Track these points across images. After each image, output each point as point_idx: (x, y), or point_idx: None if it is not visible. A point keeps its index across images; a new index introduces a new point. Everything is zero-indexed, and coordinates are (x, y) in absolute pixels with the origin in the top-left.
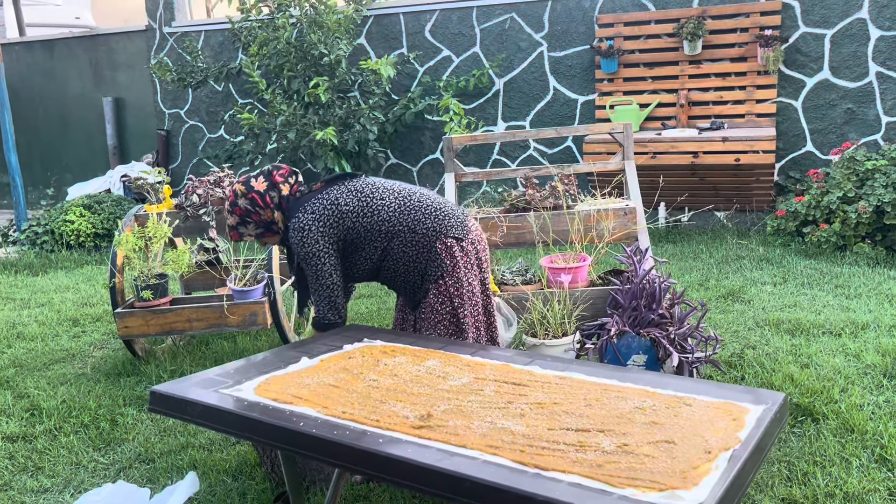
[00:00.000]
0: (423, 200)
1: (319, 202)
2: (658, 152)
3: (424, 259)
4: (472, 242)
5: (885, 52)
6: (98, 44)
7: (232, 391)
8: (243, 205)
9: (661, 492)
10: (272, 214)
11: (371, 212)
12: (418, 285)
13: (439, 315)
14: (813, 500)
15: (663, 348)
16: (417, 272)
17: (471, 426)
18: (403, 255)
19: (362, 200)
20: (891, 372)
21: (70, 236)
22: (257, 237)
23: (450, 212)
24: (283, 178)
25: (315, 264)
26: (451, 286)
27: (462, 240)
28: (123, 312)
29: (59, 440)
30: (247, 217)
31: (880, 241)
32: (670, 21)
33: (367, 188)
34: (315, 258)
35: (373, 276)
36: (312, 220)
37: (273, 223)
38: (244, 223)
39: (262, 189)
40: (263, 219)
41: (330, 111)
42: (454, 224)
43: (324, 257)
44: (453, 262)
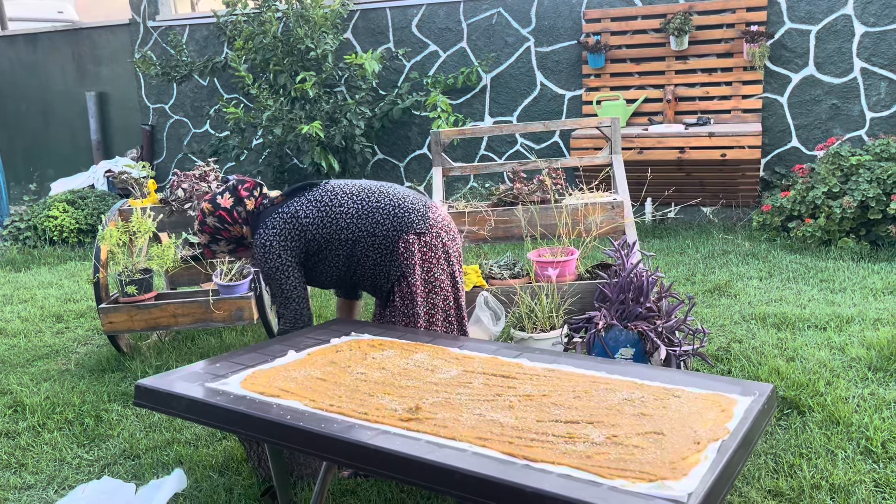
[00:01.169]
0: (381, 200)
1: (280, 216)
2: (645, 147)
3: (388, 261)
4: (437, 235)
5: (869, 48)
6: (81, 38)
7: (218, 385)
8: (212, 223)
9: (650, 482)
10: (241, 229)
11: (331, 221)
12: (380, 286)
13: (406, 317)
14: (799, 492)
15: (651, 341)
16: (383, 274)
17: (459, 418)
18: (367, 259)
19: (322, 210)
20: (875, 365)
21: (53, 232)
22: (230, 253)
23: (410, 206)
24: (247, 192)
25: (278, 279)
26: (412, 285)
27: (424, 234)
28: (108, 308)
29: (42, 437)
30: (217, 235)
31: (864, 235)
32: (657, 16)
33: (326, 196)
34: (278, 272)
35: (343, 281)
36: (273, 236)
37: (243, 238)
38: (215, 241)
39: (229, 205)
40: (234, 234)
41: (316, 106)
42: (415, 219)
43: (287, 271)
44: (415, 260)
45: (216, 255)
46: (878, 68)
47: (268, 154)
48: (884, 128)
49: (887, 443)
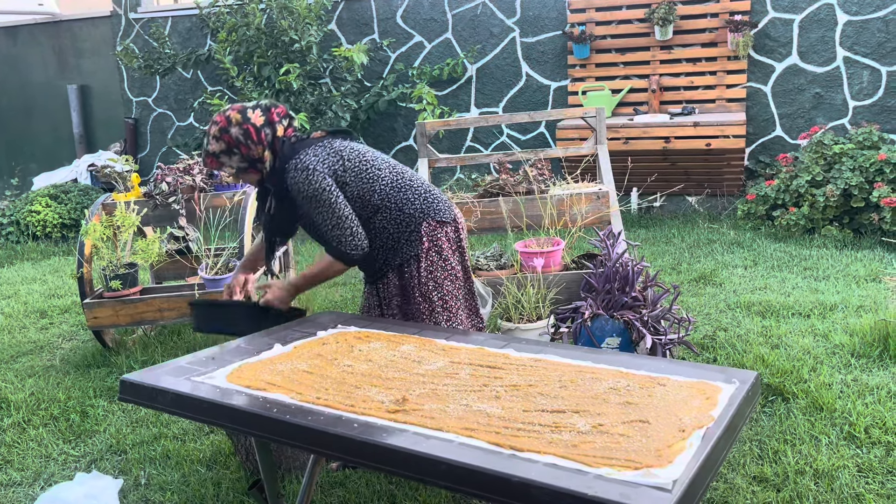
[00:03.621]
0: (413, 180)
1: (325, 148)
2: (630, 138)
3: (403, 239)
4: (456, 229)
5: (852, 37)
6: (62, 30)
7: (204, 379)
8: (235, 134)
9: (636, 470)
10: (262, 152)
11: (367, 179)
12: (384, 262)
13: (418, 301)
14: (784, 478)
15: (637, 330)
16: (389, 249)
17: (446, 409)
18: (383, 231)
19: (363, 164)
20: (858, 351)
21: (36, 227)
22: (238, 171)
23: (438, 195)
24: (279, 117)
25: (327, 199)
26: (420, 269)
27: (447, 224)
28: (92, 303)
29: (27, 433)
30: (234, 148)
31: (847, 223)
32: (641, 6)
33: (369, 153)
34: (326, 193)
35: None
36: (318, 162)
37: (259, 161)
38: (229, 153)
39: (259, 124)
40: (251, 154)
41: (301, 98)
42: (442, 208)
43: (334, 191)
44: (436, 245)
45: (221, 168)
46: (861, 57)
47: None
48: (866, 116)
49: (870, 428)
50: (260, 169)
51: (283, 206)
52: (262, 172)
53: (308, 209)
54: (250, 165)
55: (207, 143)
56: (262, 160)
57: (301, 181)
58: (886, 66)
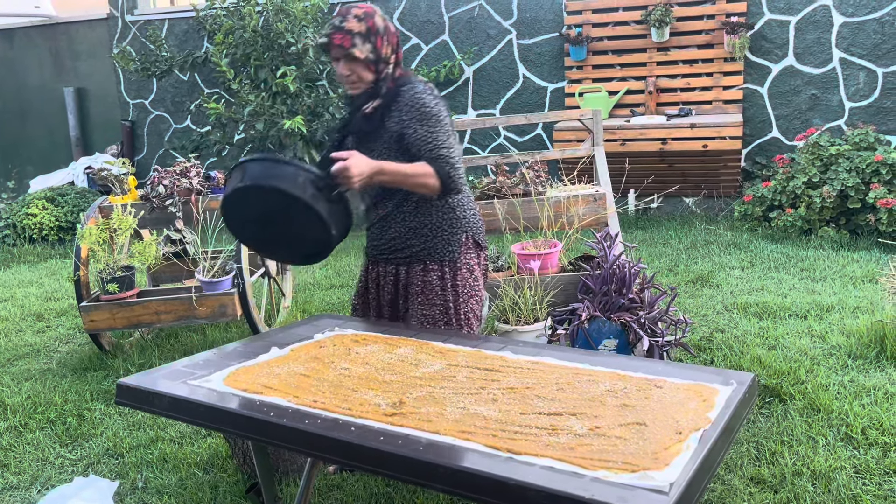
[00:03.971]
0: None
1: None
2: (627, 139)
3: (448, 236)
4: (485, 258)
5: (848, 39)
6: (58, 33)
7: (201, 382)
8: (378, 23)
9: (633, 473)
10: (389, 54)
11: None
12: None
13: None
14: (781, 479)
15: (634, 332)
16: (432, 235)
17: (443, 412)
18: (438, 213)
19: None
20: (855, 352)
21: (33, 230)
22: (360, 62)
23: (479, 216)
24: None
25: (446, 123)
26: (461, 278)
27: (483, 249)
28: (89, 306)
29: (24, 437)
30: (373, 35)
31: (844, 224)
32: (638, 8)
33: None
34: (446, 118)
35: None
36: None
37: (384, 62)
38: (366, 38)
39: (395, 39)
40: (381, 51)
41: (298, 100)
42: (481, 231)
43: (451, 121)
44: (470, 263)
45: (349, 49)
46: (857, 58)
47: (250, 149)
48: (862, 117)
49: (867, 429)
50: (379, 71)
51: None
52: (377, 76)
53: (423, 127)
54: (375, 61)
55: (344, 21)
56: (386, 61)
57: (428, 96)
58: (882, 68)
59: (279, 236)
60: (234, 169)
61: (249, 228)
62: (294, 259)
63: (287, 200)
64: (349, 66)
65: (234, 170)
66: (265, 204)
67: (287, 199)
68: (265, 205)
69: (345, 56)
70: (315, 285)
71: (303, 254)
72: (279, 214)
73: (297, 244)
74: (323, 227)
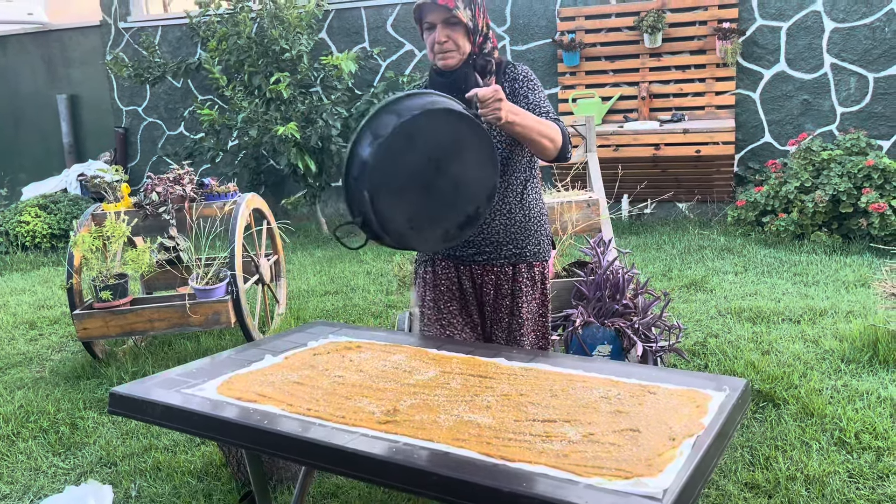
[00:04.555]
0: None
1: None
2: (620, 145)
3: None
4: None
5: (839, 44)
6: (51, 40)
7: (194, 391)
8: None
9: (626, 479)
10: (485, 27)
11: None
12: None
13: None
14: (775, 484)
15: (628, 338)
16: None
17: (437, 420)
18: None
19: None
20: (848, 356)
21: (25, 237)
22: (465, 28)
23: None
24: None
25: (545, 95)
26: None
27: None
28: (82, 314)
29: (17, 445)
30: (472, 3)
31: (836, 229)
32: (630, 14)
33: None
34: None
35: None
36: None
37: (480, 34)
38: (468, 4)
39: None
40: (478, 24)
41: (292, 107)
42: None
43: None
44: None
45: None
46: (848, 64)
47: (244, 155)
48: (854, 122)
49: (860, 433)
50: (475, 42)
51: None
52: (473, 45)
53: (535, 95)
54: (474, 31)
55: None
56: (484, 35)
57: (531, 72)
58: (873, 73)
59: (439, 198)
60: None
61: (407, 199)
62: (448, 235)
63: (456, 129)
64: (447, 31)
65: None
66: (428, 144)
67: (457, 128)
68: (428, 146)
69: (446, 19)
70: (309, 292)
71: (458, 222)
72: (444, 156)
73: (458, 204)
74: (492, 163)
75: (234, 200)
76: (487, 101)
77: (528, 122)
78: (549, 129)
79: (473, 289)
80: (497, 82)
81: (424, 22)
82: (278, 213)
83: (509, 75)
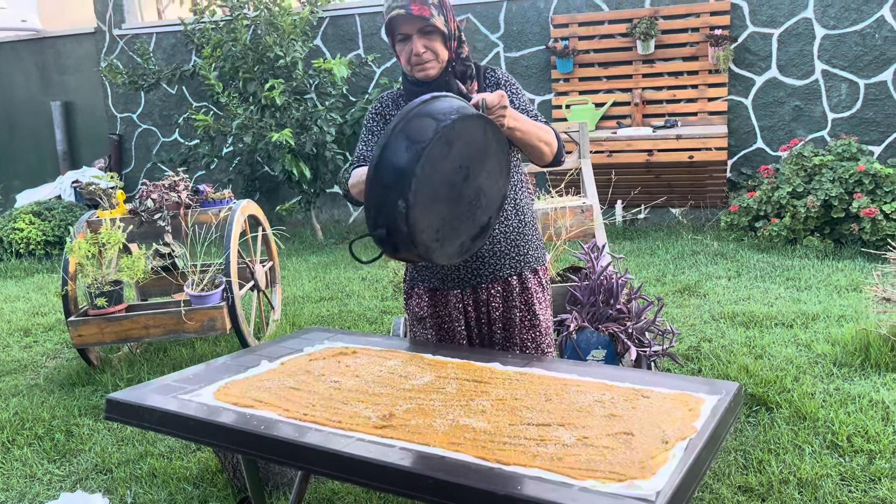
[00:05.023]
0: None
1: None
2: (614, 151)
3: (537, 237)
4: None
5: (829, 51)
6: (45, 47)
7: (191, 396)
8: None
9: (620, 482)
10: (457, 31)
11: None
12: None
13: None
14: (768, 487)
15: (622, 343)
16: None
17: (433, 424)
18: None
19: None
20: (840, 360)
21: (19, 244)
22: (442, 36)
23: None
24: None
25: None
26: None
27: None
28: (77, 321)
29: (12, 453)
30: (444, 8)
31: (828, 234)
32: (623, 21)
33: None
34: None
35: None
36: None
37: (454, 38)
38: (440, 10)
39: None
40: (451, 28)
41: (286, 113)
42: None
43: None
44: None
45: (429, 20)
46: (839, 70)
47: (238, 162)
48: (845, 128)
49: (852, 437)
50: (448, 49)
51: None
52: (450, 51)
53: (520, 100)
54: (449, 36)
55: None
56: (458, 39)
57: (511, 76)
58: (864, 79)
59: (463, 207)
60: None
61: (437, 209)
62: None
63: (485, 136)
64: (424, 41)
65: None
66: (463, 151)
67: (486, 135)
68: (462, 153)
69: (421, 29)
70: (304, 298)
71: (473, 233)
72: (473, 164)
73: (476, 214)
74: (507, 171)
75: (229, 207)
76: (494, 108)
77: (529, 127)
78: (547, 134)
79: (476, 311)
80: (478, 85)
81: (398, 34)
82: (273, 220)
83: (490, 80)
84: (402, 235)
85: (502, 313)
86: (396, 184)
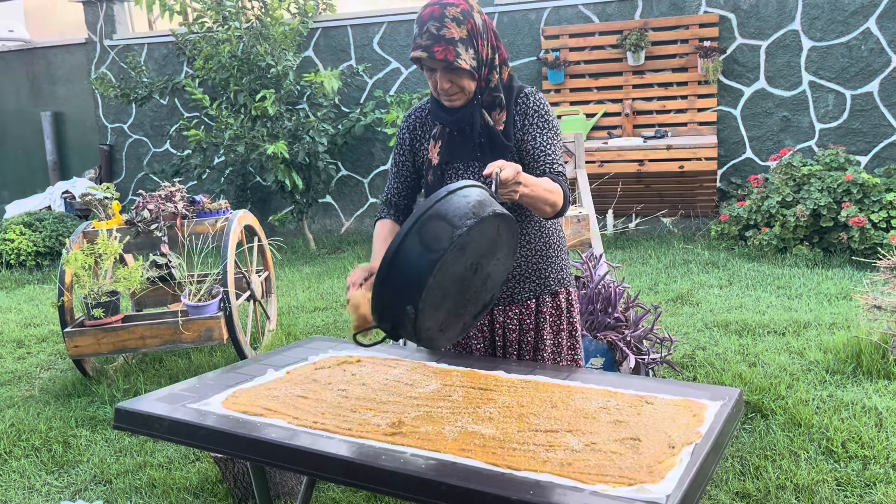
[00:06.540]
0: None
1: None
2: (605, 161)
3: (563, 257)
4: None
5: (816, 62)
6: (36, 57)
7: (199, 405)
8: (478, 22)
9: (630, 486)
10: (493, 58)
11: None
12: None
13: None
14: (765, 493)
15: (620, 351)
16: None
17: (442, 431)
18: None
19: None
20: (832, 367)
21: (10, 255)
22: (469, 72)
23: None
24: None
25: (560, 137)
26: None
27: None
28: (73, 332)
29: (9, 465)
30: (475, 39)
31: (817, 242)
32: (614, 33)
33: None
34: (558, 127)
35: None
36: None
37: (486, 66)
38: (469, 44)
39: (493, 35)
40: (483, 57)
41: (278, 124)
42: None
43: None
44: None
45: (455, 61)
46: (826, 81)
47: (230, 172)
48: (832, 138)
49: (847, 443)
50: (478, 81)
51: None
52: (478, 83)
53: (544, 136)
54: (478, 68)
55: (442, 28)
56: (490, 65)
57: (544, 104)
58: (850, 90)
59: (469, 296)
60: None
61: (444, 306)
62: (465, 326)
63: (498, 231)
64: (450, 76)
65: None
66: (475, 252)
67: (498, 230)
68: (475, 253)
69: (447, 67)
70: (299, 308)
71: (475, 312)
72: (483, 258)
73: (480, 296)
74: (514, 252)
75: (225, 217)
76: (508, 184)
77: (538, 192)
78: (554, 196)
79: (492, 334)
80: (508, 114)
81: (424, 65)
82: (265, 230)
83: (521, 107)
84: (406, 331)
85: (517, 336)
86: (407, 288)
